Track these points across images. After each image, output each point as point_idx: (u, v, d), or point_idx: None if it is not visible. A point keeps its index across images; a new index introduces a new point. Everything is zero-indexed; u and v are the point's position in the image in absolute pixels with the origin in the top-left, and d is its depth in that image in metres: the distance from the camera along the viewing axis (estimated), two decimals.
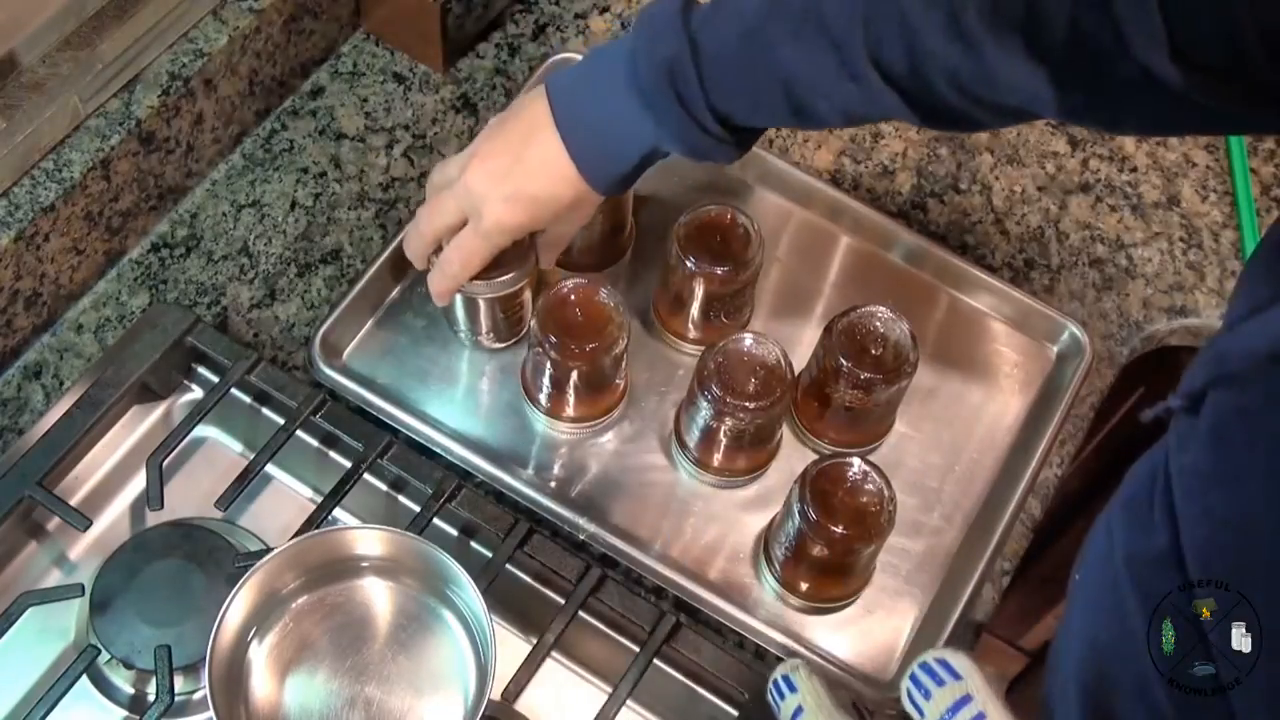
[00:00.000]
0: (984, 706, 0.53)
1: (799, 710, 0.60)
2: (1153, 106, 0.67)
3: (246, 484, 0.90)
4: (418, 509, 0.90)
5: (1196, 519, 0.62)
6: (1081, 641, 0.72)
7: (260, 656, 0.82)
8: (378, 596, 0.86)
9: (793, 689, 0.61)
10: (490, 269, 0.90)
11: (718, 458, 0.93)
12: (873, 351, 0.91)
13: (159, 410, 0.98)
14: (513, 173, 0.83)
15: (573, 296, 0.90)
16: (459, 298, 0.93)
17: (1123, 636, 0.66)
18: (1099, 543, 0.72)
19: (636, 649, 0.87)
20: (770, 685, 0.62)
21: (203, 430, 0.96)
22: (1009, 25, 0.66)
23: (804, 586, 0.90)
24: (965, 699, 0.53)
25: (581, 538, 0.91)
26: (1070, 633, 0.74)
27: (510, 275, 0.91)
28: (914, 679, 0.55)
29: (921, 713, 0.54)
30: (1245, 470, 0.59)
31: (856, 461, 0.86)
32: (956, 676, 0.54)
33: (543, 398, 0.94)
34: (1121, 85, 0.66)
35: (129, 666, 0.85)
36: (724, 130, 0.79)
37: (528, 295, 0.95)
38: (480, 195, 0.84)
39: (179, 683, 0.84)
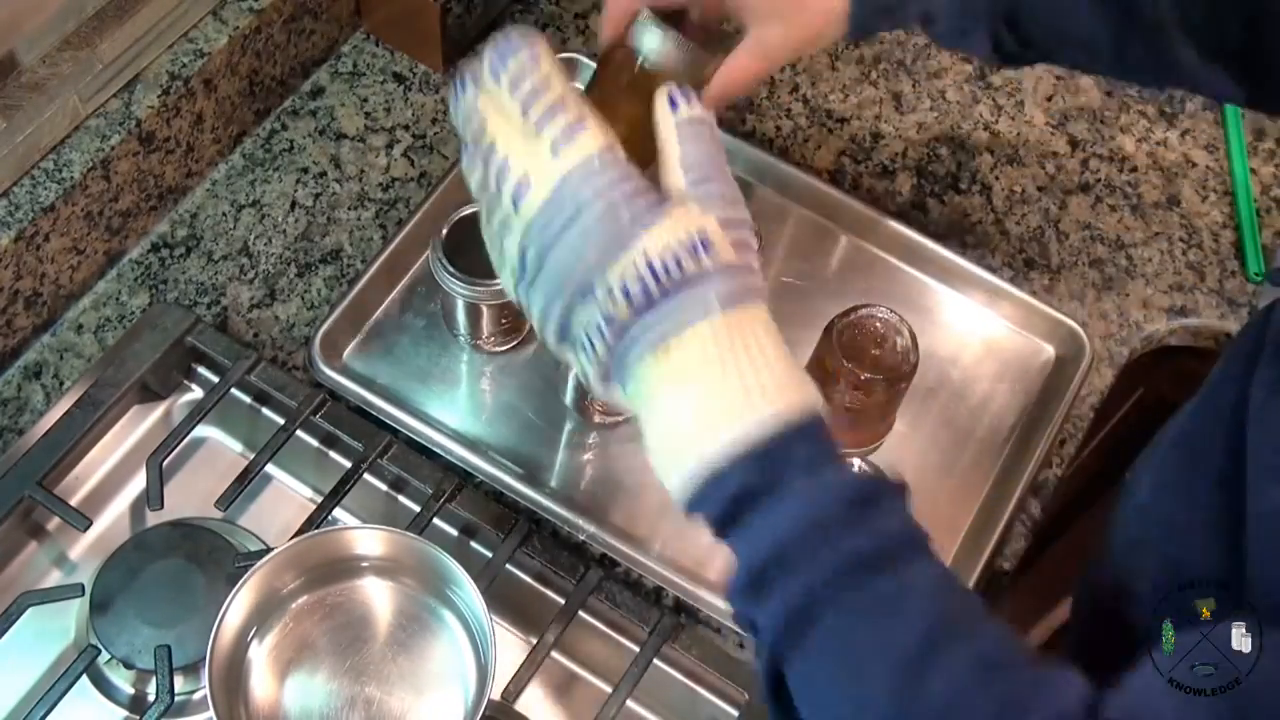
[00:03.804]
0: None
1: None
2: None
3: (246, 484, 0.90)
4: (418, 509, 0.90)
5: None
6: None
7: (260, 656, 0.82)
8: (378, 596, 0.86)
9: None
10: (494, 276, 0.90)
11: None
12: (873, 351, 0.91)
13: (159, 410, 0.98)
14: None
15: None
16: (460, 302, 0.93)
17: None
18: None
19: (636, 649, 0.87)
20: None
21: (203, 430, 0.96)
22: None
23: None
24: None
25: (581, 538, 0.91)
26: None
27: None
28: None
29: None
30: None
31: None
32: None
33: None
34: None
35: (129, 666, 0.85)
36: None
37: None
38: None
39: (179, 683, 0.84)
